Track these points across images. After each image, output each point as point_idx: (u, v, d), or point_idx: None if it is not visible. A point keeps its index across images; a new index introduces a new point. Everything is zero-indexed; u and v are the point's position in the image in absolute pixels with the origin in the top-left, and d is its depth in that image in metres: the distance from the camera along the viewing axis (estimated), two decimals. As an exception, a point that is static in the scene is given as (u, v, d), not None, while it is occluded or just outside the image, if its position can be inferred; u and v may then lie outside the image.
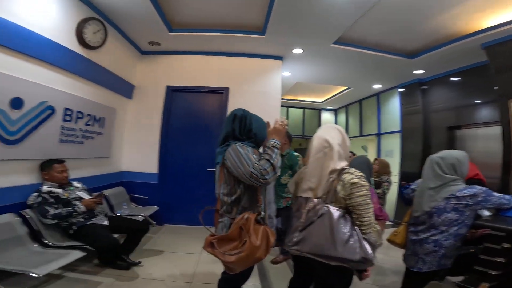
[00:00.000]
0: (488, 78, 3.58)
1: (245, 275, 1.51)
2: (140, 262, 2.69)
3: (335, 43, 3.80)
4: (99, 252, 2.41)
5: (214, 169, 1.57)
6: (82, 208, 2.38)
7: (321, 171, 1.36)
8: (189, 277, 2.55)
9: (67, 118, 2.83)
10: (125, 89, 4.03)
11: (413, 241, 1.79)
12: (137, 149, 4.22)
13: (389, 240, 1.99)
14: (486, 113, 3.97)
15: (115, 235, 2.56)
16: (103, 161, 3.64)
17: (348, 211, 1.31)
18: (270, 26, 3.40)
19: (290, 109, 8.18)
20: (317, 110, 8.45)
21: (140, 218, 3.16)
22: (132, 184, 4.08)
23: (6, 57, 2.16)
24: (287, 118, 8.12)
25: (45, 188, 2.38)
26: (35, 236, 2.26)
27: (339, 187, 1.30)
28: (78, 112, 3.00)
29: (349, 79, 5.50)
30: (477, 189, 1.65)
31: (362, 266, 1.25)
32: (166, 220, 4.16)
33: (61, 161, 2.58)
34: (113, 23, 3.47)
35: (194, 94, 4.34)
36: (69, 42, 2.81)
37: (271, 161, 1.33)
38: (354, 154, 4.07)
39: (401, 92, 5.46)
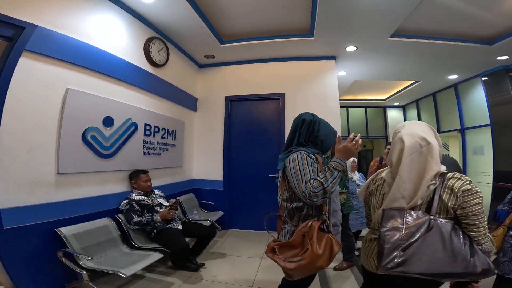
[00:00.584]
0: None
1: (306, 282, 1.46)
2: (204, 264, 2.83)
3: (392, 35, 3.51)
4: (173, 255, 2.61)
5: (275, 175, 1.59)
6: (158, 218, 2.64)
7: (420, 175, 1.13)
8: (250, 282, 2.59)
9: (147, 133, 3.24)
10: (190, 102, 4.40)
11: None
12: (204, 158, 4.53)
13: None
14: None
15: (187, 239, 2.74)
16: (177, 170, 4.00)
17: (457, 221, 1.13)
18: (317, 26, 3.33)
19: (350, 109, 7.75)
20: (381, 108, 7.81)
21: (207, 223, 3.32)
22: (200, 191, 4.38)
23: (95, 80, 2.55)
24: (348, 119, 7.72)
25: (134, 196, 2.72)
26: (125, 238, 2.54)
27: (445, 195, 1.11)
28: (155, 127, 3.40)
29: (416, 72, 4.97)
30: None
31: (482, 277, 1.08)
32: (231, 224, 4.33)
33: (145, 172, 2.94)
34: (172, 40, 3.80)
35: (251, 102, 4.49)
36: (141, 62, 3.18)
37: (325, 185, 1.26)
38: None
39: (485, 81, 4.69)
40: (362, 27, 3.30)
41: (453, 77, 5.15)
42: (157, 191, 3.01)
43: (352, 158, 3.58)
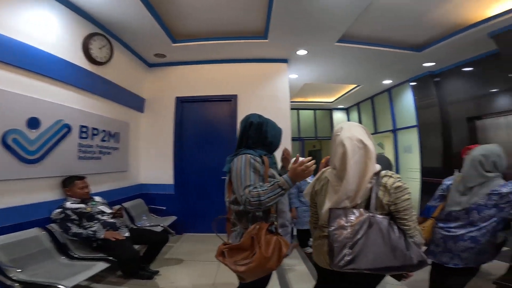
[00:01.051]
0: (502, 66, 3.46)
1: (262, 284, 1.49)
2: (158, 271, 2.73)
3: (339, 41, 3.76)
4: (122, 264, 2.46)
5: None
6: (102, 236, 2.40)
7: (361, 175, 1.20)
8: (209, 286, 2.55)
9: (83, 135, 2.93)
10: (136, 102, 4.14)
11: (445, 237, 1.73)
12: (152, 161, 4.31)
13: None
14: (505, 101, 3.80)
15: (136, 246, 2.60)
16: (121, 175, 3.73)
17: (392, 217, 1.22)
18: (271, 29, 3.41)
19: (300, 111, 8.13)
20: (328, 110, 8.35)
21: (159, 229, 3.22)
22: (150, 196, 4.16)
23: (18, 77, 2.23)
24: (298, 120, 8.07)
25: (68, 204, 2.44)
26: (62, 249, 2.32)
27: (381, 193, 1.21)
28: (94, 128, 3.09)
29: (358, 76, 5.42)
30: None
31: (418, 268, 1.19)
32: (185, 229, 4.20)
33: (81, 178, 2.66)
34: (118, 37, 3.55)
35: (203, 103, 4.40)
36: (77, 59, 2.89)
37: (262, 198, 1.26)
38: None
39: (413, 86, 5.33)
40: (313, 32, 3.47)
41: (388, 82, 5.73)
42: (97, 198, 2.77)
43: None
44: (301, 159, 1.34)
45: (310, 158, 1.33)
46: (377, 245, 1.14)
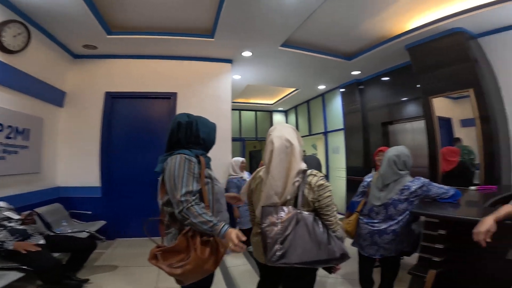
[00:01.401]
0: (413, 77, 4.00)
1: (205, 284, 1.45)
2: (88, 280, 2.55)
3: (282, 45, 3.94)
4: (39, 274, 2.19)
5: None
6: (11, 247, 2.10)
7: (286, 173, 1.28)
8: None
9: (-19, 131, 2.42)
10: (53, 96, 3.61)
11: (371, 232, 1.93)
12: (73, 161, 3.82)
13: (346, 230, 2.06)
14: (412, 109, 4.54)
15: (56, 254, 2.41)
16: (33, 177, 3.22)
17: (316, 213, 1.32)
18: (219, 29, 3.38)
19: (242, 112, 8.25)
20: (269, 112, 8.68)
21: (84, 235, 2.98)
22: (71, 200, 3.70)
23: None
24: (240, 121, 8.17)
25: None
26: None
27: (306, 191, 1.29)
28: (-5, 124, 2.58)
29: (297, 80, 5.76)
30: (422, 179, 1.90)
31: (341, 261, 1.30)
32: (118, 234, 3.88)
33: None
34: (39, 25, 3.11)
35: (138, 100, 4.09)
36: None
37: (193, 220, 1.20)
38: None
39: (342, 92, 5.92)
40: (259, 35, 3.54)
41: (322, 87, 6.24)
42: (1, 203, 2.40)
43: (241, 159, 3.81)
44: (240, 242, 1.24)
45: (243, 241, 1.25)
46: (304, 240, 1.22)
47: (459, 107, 3.47)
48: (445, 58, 3.42)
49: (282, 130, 1.36)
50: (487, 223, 1.22)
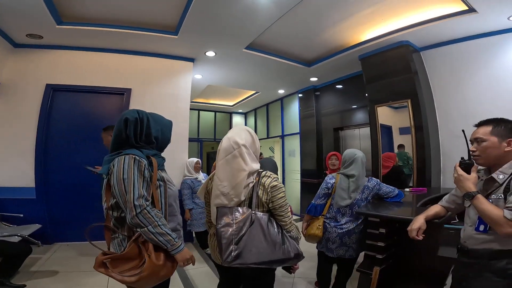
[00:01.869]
0: (362, 86, 4.29)
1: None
2: (25, 286, 2.40)
3: (246, 48, 3.96)
4: None
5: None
6: None
7: (234, 174, 1.28)
8: None
9: None
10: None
11: (340, 234, 1.98)
12: (3, 160, 3.36)
13: (312, 235, 2.05)
14: (360, 116, 4.93)
15: None
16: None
17: (271, 214, 1.34)
18: (184, 26, 3.27)
19: (201, 112, 8.08)
20: (228, 113, 8.64)
21: (16, 239, 2.72)
22: (0, 201, 3.26)
23: None
24: (198, 121, 7.99)
25: None
26: None
27: (260, 192, 1.31)
28: None
29: (258, 83, 5.84)
30: (375, 179, 2.09)
31: (296, 261, 1.33)
32: (57, 238, 3.53)
33: None
34: None
35: (85, 94, 3.75)
36: None
37: (149, 229, 1.15)
38: (261, 155, 4.36)
39: (300, 97, 6.18)
40: (225, 35, 3.51)
41: (281, 91, 6.41)
42: None
43: (196, 159, 3.72)
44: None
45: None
46: (259, 240, 1.24)
47: (398, 116, 3.87)
48: (391, 69, 3.75)
49: (234, 131, 1.39)
50: (418, 222, 1.38)
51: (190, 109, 4.32)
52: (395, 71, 3.71)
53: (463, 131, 1.27)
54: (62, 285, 2.48)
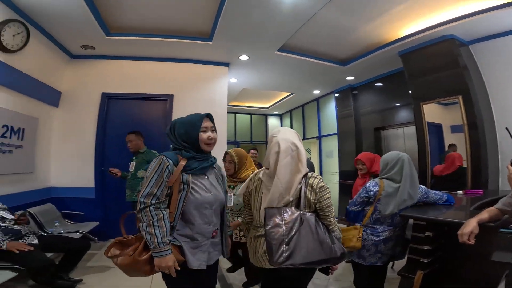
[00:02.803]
0: (405, 83, 4.06)
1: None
2: (81, 280, 2.57)
3: (279, 50, 4.00)
4: (33, 274, 2.20)
5: None
6: (4, 247, 2.11)
7: (292, 175, 1.30)
8: None
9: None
10: (49, 96, 3.61)
11: (376, 242, 1.86)
12: (68, 162, 3.81)
13: (352, 247, 1.90)
14: (404, 114, 4.64)
15: (49, 254, 2.39)
16: (26, 176, 3.21)
17: (317, 214, 1.34)
18: (217, 32, 3.42)
19: (237, 115, 8.30)
20: (264, 115, 8.74)
21: (78, 235, 2.98)
22: (64, 200, 3.69)
23: None
24: (235, 124, 8.21)
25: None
26: None
27: (308, 192, 1.32)
28: (-11, 123, 2.58)
29: (292, 85, 5.84)
30: (422, 187, 1.94)
31: (341, 260, 1.31)
32: (110, 235, 3.80)
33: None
34: (39, 25, 3.14)
35: (135, 101, 4.11)
36: None
37: (144, 225, 1.20)
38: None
39: (336, 97, 6.02)
40: (256, 39, 3.61)
41: (317, 91, 6.32)
42: None
43: None
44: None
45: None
46: (309, 240, 1.24)
47: (449, 113, 3.57)
48: (436, 64, 3.50)
49: (286, 133, 1.38)
50: (471, 225, 1.28)
51: (227, 112, 4.48)
52: (441, 67, 3.46)
53: (506, 128, 1.16)
54: (113, 280, 2.64)
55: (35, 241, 2.39)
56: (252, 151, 4.10)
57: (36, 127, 3.34)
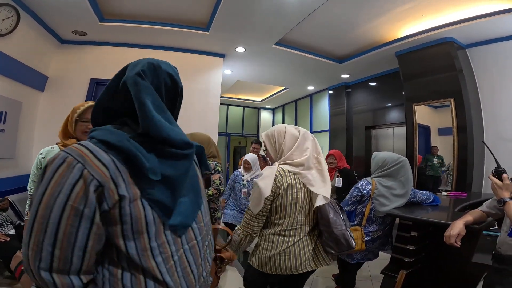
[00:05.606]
0: (399, 83, 4.10)
1: None
2: None
3: (276, 44, 3.95)
4: (8, 264, 2.08)
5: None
6: None
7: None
8: None
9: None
10: (35, 80, 3.45)
11: (366, 242, 1.85)
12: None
13: (358, 250, 1.86)
14: (395, 115, 4.69)
15: None
16: (6, 162, 3.07)
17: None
18: (215, 22, 3.33)
19: (230, 107, 8.21)
20: (256, 109, 8.68)
21: None
22: (46, 188, 3.55)
23: None
24: (227, 116, 8.13)
25: None
26: None
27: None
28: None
29: (287, 79, 5.80)
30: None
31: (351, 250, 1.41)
32: None
33: None
34: (30, 9, 2.99)
35: (125, 88, 4.00)
36: None
37: None
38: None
39: (330, 94, 6.02)
40: (255, 31, 3.53)
41: (311, 87, 6.31)
42: None
43: (245, 158, 3.23)
44: None
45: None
46: (342, 228, 1.34)
47: (438, 116, 3.62)
48: (432, 66, 3.53)
49: (307, 133, 1.44)
50: (458, 227, 1.29)
51: (220, 103, 4.42)
52: (437, 69, 3.49)
53: (482, 141, 1.21)
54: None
55: (12, 231, 2.31)
56: (253, 145, 3.82)
57: (19, 111, 3.20)
